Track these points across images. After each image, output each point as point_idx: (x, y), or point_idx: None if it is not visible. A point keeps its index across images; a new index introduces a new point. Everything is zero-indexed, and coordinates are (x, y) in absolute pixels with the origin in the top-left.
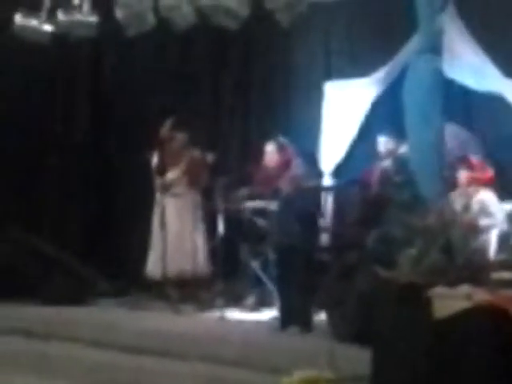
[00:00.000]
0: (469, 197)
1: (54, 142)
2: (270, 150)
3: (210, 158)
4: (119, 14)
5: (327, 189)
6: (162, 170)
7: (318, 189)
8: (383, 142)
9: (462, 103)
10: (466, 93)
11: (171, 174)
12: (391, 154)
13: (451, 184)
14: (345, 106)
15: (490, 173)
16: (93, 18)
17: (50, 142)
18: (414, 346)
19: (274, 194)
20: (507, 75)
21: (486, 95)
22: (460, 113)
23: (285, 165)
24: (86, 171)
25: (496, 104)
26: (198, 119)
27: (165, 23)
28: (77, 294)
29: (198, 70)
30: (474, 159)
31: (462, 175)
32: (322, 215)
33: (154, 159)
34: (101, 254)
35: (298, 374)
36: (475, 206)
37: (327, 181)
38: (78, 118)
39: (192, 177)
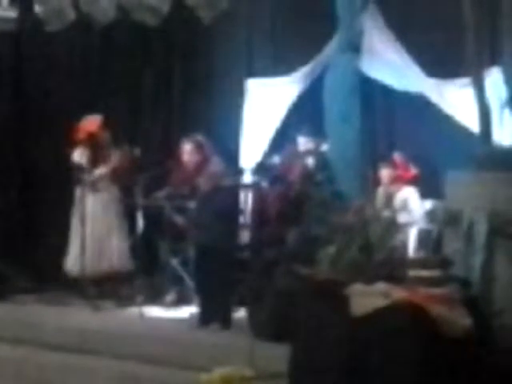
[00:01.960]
0: (391, 194)
1: None
2: (188, 148)
3: (137, 152)
4: (39, 8)
5: (247, 186)
6: (89, 165)
7: (237, 186)
8: (302, 142)
9: (382, 102)
10: (386, 92)
11: (98, 171)
12: (311, 153)
13: (374, 182)
14: (266, 103)
15: (412, 171)
16: (12, 13)
17: None
18: (332, 343)
19: (193, 192)
20: (429, 75)
21: (407, 94)
22: (381, 112)
23: (203, 162)
24: (4, 165)
25: (418, 103)
26: (117, 115)
27: (85, 18)
28: None
29: (118, 67)
30: (398, 158)
31: (385, 173)
32: (241, 212)
33: (75, 155)
34: (19, 250)
35: (217, 371)
36: (397, 203)
37: (248, 178)
38: None
39: (117, 173)
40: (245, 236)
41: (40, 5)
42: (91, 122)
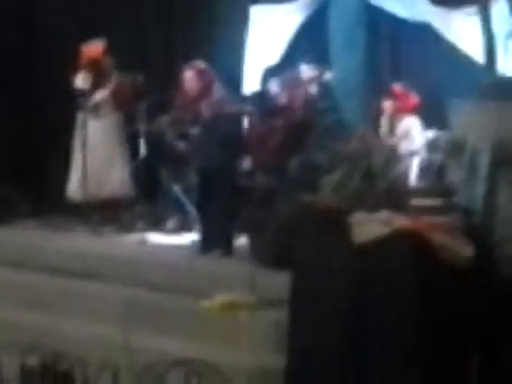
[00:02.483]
0: (394, 123)
1: None
2: (189, 75)
3: (140, 78)
4: None
5: (249, 113)
6: (91, 90)
7: (240, 113)
8: (304, 70)
9: (387, 30)
10: (391, 20)
11: (98, 95)
12: (314, 80)
13: (376, 112)
14: (270, 31)
15: (413, 100)
16: None
17: None
18: (333, 270)
19: (195, 118)
20: (434, 3)
21: (412, 23)
22: (385, 40)
23: (205, 89)
24: (9, 90)
25: (423, 32)
26: (120, 42)
27: None
28: None
29: None
30: (398, 87)
31: (387, 104)
32: (243, 140)
33: (77, 79)
34: (21, 175)
35: (219, 298)
36: (399, 132)
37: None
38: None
39: (119, 99)
40: (247, 163)
41: None
42: (94, 47)
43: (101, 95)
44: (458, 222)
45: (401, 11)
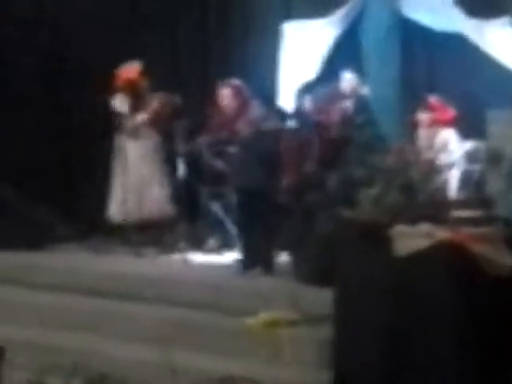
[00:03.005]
0: (431, 136)
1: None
2: (225, 93)
3: (177, 99)
4: None
5: (287, 131)
6: (129, 112)
7: (278, 130)
8: (348, 79)
9: (422, 43)
10: (426, 33)
11: (140, 117)
12: (354, 92)
13: (413, 125)
14: (304, 46)
15: (450, 113)
16: None
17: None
18: (375, 284)
19: (233, 137)
20: (468, 15)
21: (446, 35)
22: (421, 53)
23: (242, 107)
24: (44, 114)
25: (457, 43)
26: (156, 63)
27: None
28: (36, 239)
29: (155, 13)
30: (434, 100)
31: (423, 117)
32: (282, 157)
33: (116, 102)
34: (61, 198)
35: (262, 316)
36: (436, 144)
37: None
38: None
39: (157, 121)
40: (286, 180)
41: None
42: (131, 69)
43: (140, 118)
44: (498, 233)
45: (434, 23)
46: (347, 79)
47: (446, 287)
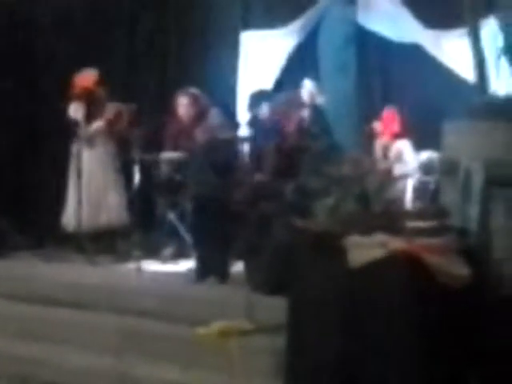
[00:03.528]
0: (386, 147)
1: None
2: (183, 102)
3: (133, 107)
4: None
5: (243, 139)
6: (85, 120)
7: (234, 139)
8: (309, 86)
9: (378, 54)
10: (382, 43)
11: (95, 125)
12: (311, 101)
13: (368, 136)
14: (262, 56)
15: (398, 125)
16: None
17: None
18: (329, 294)
19: (190, 145)
20: (425, 26)
21: (403, 45)
22: (377, 63)
23: (199, 115)
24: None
25: (414, 54)
26: (113, 70)
27: None
28: None
29: (112, 21)
30: (388, 111)
31: (377, 127)
32: (238, 166)
33: (71, 110)
34: (15, 206)
35: (215, 325)
36: (391, 155)
37: (243, 131)
38: None
39: (113, 129)
40: (241, 189)
41: None
42: (87, 77)
43: (95, 126)
44: (453, 243)
45: (391, 33)
46: (307, 86)
47: (401, 298)
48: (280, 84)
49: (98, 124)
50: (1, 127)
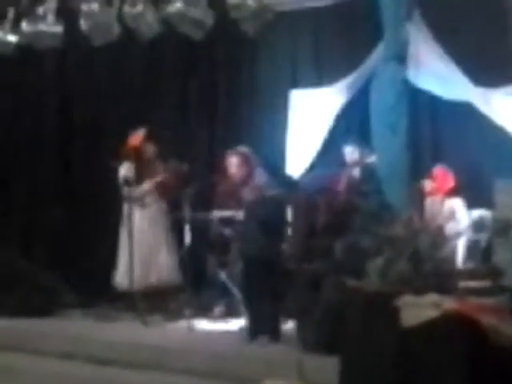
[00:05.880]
0: (438, 205)
1: (19, 152)
2: (234, 161)
3: (185, 167)
4: (84, 24)
5: (293, 197)
6: (134, 180)
7: (283, 197)
8: (349, 152)
9: (429, 112)
10: (433, 102)
11: (145, 187)
12: (357, 163)
13: (419, 194)
14: (311, 114)
15: (451, 183)
16: (58, 28)
17: (14, 152)
18: (382, 355)
19: (238, 204)
20: (476, 83)
21: (453, 103)
22: (428, 122)
23: (248, 174)
24: (53, 182)
25: (464, 112)
26: (163, 129)
27: (130, 33)
28: (43, 306)
29: (163, 80)
30: (439, 169)
31: (426, 185)
32: (287, 224)
33: (122, 170)
34: (67, 265)
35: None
36: (444, 213)
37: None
38: (43, 129)
39: (164, 189)
40: (291, 247)
41: (85, 20)
42: (135, 136)
43: (145, 187)
44: (506, 304)
45: (441, 91)
46: (349, 152)
47: (454, 359)
48: (329, 142)
49: (147, 185)
50: (59, 183)
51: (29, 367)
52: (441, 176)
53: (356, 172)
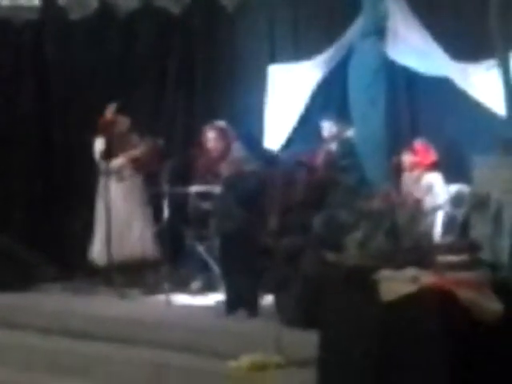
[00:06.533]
0: (416, 179)
1: None
2: (212, 135)
3: (160, 142)
4: None
5: (270, 172)
6: (108, 154)
7: (260, 172)
8: (326, 127)
9: (407, 86)
10: (411, 76)
11: (117, 161)
12: (335, 138)
13: (397, 168)
14: (289, 88)
15: (432, 157)
16: (35, 1)
17: None
18: (361, 329)
19: (216, 179)
20: (454, 58)
21: (432, 78)
22: (406, 96)
23: (225, 148)
24: (30, 156)
25: (443, 87)
26: (141, 103)
27: (108, 7)
28: (20, 280)
29: (141, 54)
30: (419, 143)
31: (406, 159)
32: (264, 198)
33: (97, 143)
34: (43, 239)
35: (246, 358)
36: (422, 188)
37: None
38: (20, 102)
39: (139, 164)
40: (269, 222)
41: None
42: (107, 110)
43: (120, 161)
44: (485, 277)
45: (419, 66)
46: (327, 127)
47: (432, 332)
48: (307, 116)
49: (119, 160)
50: (32, 159)
51: (5, 342)
52: (422, 150)
53: (334, 147)
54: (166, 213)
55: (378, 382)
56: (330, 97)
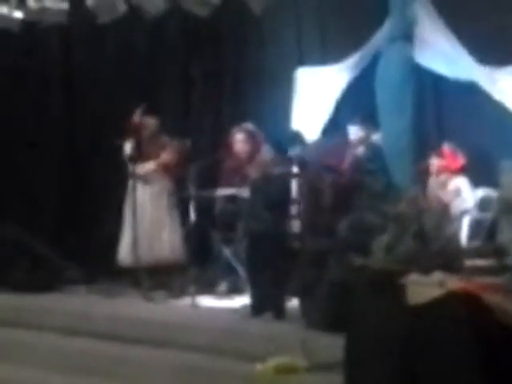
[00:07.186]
0: (443, 184)
1: (24, 128)
2: (239, 138)
3: (187, 144)
4: (90, 0)
5: (299, 175)
6: (137, 157)
7: (288, 175)
8: (354, 131)
9: (434, 91)
10: (438, 80)
11: (148, 166)
12: (362, 141)
13: (424, 172)
14: (316, 92)
15: (460, 161)
16: (63, 5)
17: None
18: (388, 333)
19: (243, 181)
20: (481, 63)
21: (459, 83)
22: (433, 100)
23: (253, 151)
24: (57, 158)
25: (470, 91)
26: (168, 106)
27: (136, 10)
28: (47, 281)
29: (168, 57)
30: (446, 148)
31: (434, 163)
32: (292, 202)
33: (126, 146)
34: (71, 241)
35: (272, 361)
36: (449, 192)
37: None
38: (48, 105)
39: (168, 168)
40: (296, 225)
41: None
42: (135, 114)
43: (148, 167)
44: (511, 283)
45: (446, 70)
46: (354, 131)
47: (460, 337)
48: (334, 120)
49: (150, 165)
50: (60, 163)
51: (32, 343)
52: (450, 154)
53: (361, 150)
54: (192, 215)
55: None
56: (357, 100)
